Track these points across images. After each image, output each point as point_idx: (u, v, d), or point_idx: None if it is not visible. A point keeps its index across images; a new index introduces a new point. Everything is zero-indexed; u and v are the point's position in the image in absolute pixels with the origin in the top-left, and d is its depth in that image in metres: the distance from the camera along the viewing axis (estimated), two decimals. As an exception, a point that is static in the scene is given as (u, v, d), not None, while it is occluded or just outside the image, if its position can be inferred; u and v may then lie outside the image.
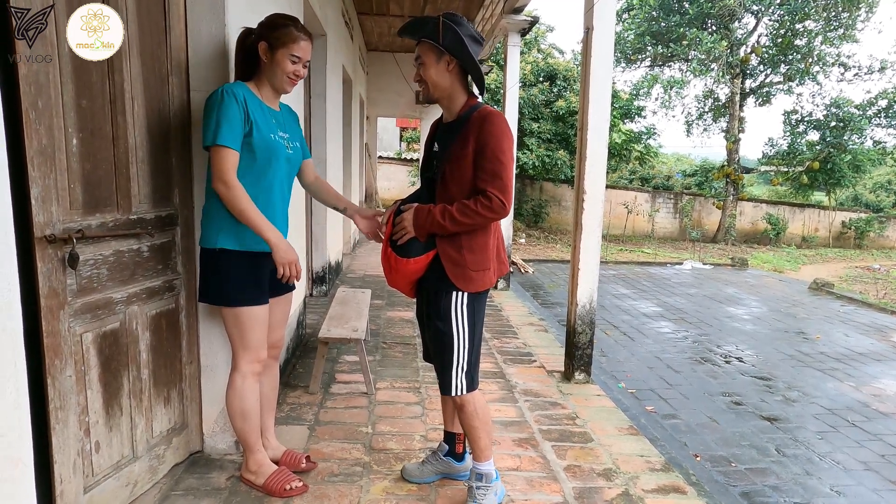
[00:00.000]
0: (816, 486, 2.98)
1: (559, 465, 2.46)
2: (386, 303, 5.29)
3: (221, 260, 1.96)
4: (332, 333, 3.17)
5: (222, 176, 1.86)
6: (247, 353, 2.05)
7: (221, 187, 1.87)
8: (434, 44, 1.87)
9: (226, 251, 1.96)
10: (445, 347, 1.97)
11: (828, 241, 17.37)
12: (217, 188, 1.88)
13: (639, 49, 18.17)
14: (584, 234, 3.38)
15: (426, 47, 1.91)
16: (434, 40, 1.87)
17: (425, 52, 1.91)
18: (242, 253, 1.98)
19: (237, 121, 1.88)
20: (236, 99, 1.89)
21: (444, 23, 1.84)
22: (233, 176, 1.88)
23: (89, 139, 1.75)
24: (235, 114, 1.87)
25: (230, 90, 1.90)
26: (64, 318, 1.69)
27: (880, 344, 5.97)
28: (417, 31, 1.92)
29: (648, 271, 10.45)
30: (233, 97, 1.88)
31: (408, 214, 1.91)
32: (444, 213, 1.86)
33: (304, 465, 2.30)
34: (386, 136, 20.64)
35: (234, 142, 1.88)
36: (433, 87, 1.94)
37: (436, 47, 1.88)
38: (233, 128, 1.87)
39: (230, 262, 1.97)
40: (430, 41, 1.88)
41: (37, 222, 1.59)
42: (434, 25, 1.86)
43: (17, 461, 1.24)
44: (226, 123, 1.85)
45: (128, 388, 1.97)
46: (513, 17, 5.71)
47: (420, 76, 1.94)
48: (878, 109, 16.53)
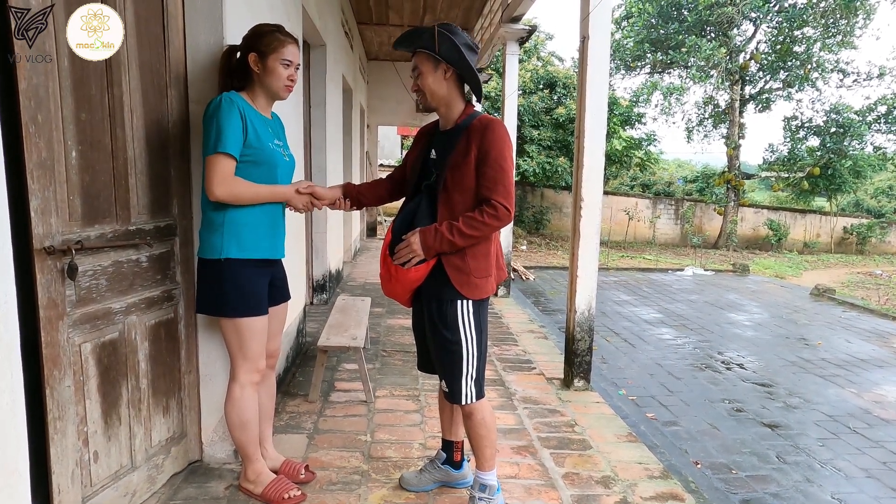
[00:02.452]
0: (817, 493, 2.97)
1: (557, 473, 2.46)
2: (386, 311, 5.29)
3: (224, 270, 1.96)
4: (332, 342, 3.18)
5: (222, 182, 1.87)
6: (246, 363, 2.05)
7: (224, 191, 1.88)
8: (430, 53, 1.89)
9: (230, 260, 1.96)
10: (455, 357, 1.96)
11: (829, 247, 17.35)
12: (219, 194, 1.88)
13: (638, 56, 18.25)
14: (582, 240, 3.39)
15: (423, 57, 1.92)
16: (430, 50, 1.88)
17: (422, 61, 1.93)
18: (245, 261, 1.98)
19: (238, 129, 1.89)
20: (235, 107, 1.90)
21: (439, 32, 1.87)
22: (232, 178, 1.90)
23: (88, 152, 1.77)
24: (237, 122, 1.89)
25: (230, 98, 1.91)
26: (63, 328, 1.70)
27: (882, 350, 5.95)
28: (413, 42, 1.94)
29: (649, 277, 10.44)
30: (233, 105, 1.90)
31: (414, 238, 1.89)
32: (451, 230, 1.86)
33: (304, 476, 2.30)
34: (387, 143, 20.73)
35: (236, 150, 1.89)
36: (431, 96, 1.95)
37: (432, 57, 1.90)
38: (235, 136, 1.88)
39: (233, 271, 1.97)
40: (426, 51, 1.90)
41: (36, 234, 1.61)
42: (430, 35, 1.88)
43: (13, 471, 1.25)
44: (228, 132, 1.86)
45: (127, 398, 1.98)
46: (511, 26, 5.75)
47: (417, 86, 1.96)
48: (878, 115, 16.59)
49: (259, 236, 2.01)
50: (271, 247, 2.08)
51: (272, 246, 2.08)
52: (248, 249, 1.98)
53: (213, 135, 1.87)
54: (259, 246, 2.01)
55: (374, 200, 2.25)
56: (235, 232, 1.95)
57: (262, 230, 2.02)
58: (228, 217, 1.94)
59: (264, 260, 2.05)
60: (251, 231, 1.98)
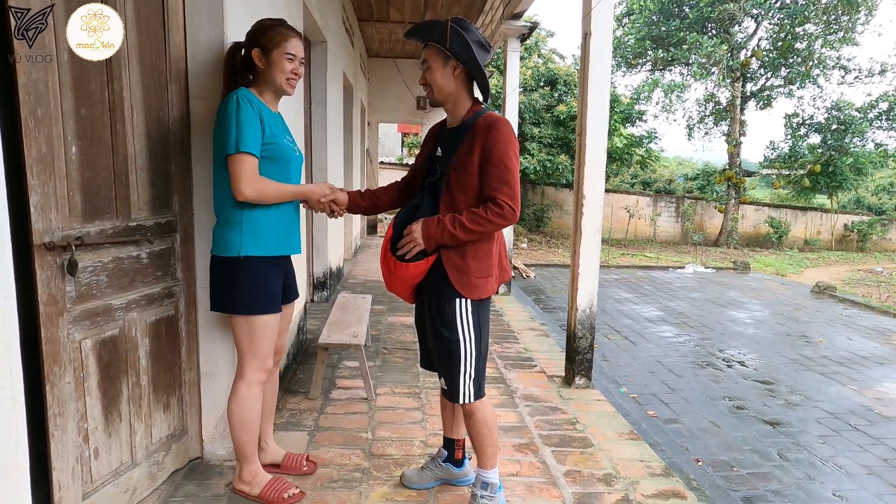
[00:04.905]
0: (819, 490, 2.96)
1: (559, 471, 2.45)
2: (387, 308, 5.29)
3: (242, 267, 1.95)
4: (333, 339, 3.17)
5: (250, 181, 1.87)
6: (255, 361, 2.04)
7: (253, 190, 1.87)
8: (441, 48, 1.88)
9: (249, 258, 1.95)
10: (453, 356, 1.96)
11: (830, 245, 17.33)
12: (247, 193, 1.87)
13: (639, 53, 18.22)
14: (584, 238, 3.39)
15: (433, 51, 1.91)
16: (441, 45, 1.87)
17: (432, 56, 1.91)
18: (262, 259, 1.97)
19: (256, 127, 1.89)
20: (251, 105, 1.90)
21: (452, 28, 1.85)
22: (258, 177, 1.90)
23: (88, 147, 1.76)
24: (255, 120, 1.89)
25: (245, 96, 1.90)
26: (63, 324, 1.70)
27: (883, 347, 5.94)
28: (425, 35, 1.93)
29: (650, 275, 10.43)
30: (248, 103, 1.89)
31: (416, 226, 1.89)
32: (454, 223, 1.85)
33: (306, 468, 2.30)
34: (388, 141, 20.70)
35: (256, 148, 1.89)
36: (438, 91, 1.95)
37: (443, 52, 1.88)
38: (254, 134, 1.88)
39: (251, 269, 1.96)
40: (437, 45, 1.89)
41: (36, 230, 1.60)
42: (442, 30, 1.86)
43: (13, 467, 1.24)
44: (248, 130, 1.86)
45: (127, 395, 1.98)
46: (512, 23, 5.73)
47: (426, 79, 1.95)
48: (879, 112, 16.55)
49: (276, 233, 2.01)
50: (288, 243, 2.08)
51: (288, 242, 2.09)
52: (266, 247, 1.98)
53: (233, 134, 1.85)
54: (276, 243, 2.01)
55: (389, 204, 2.24)
56: (254, 230, 1.95)
57: (280, 227, 2.02)
58: (247, 215, 1.94)
59: (280, 257, 2.05)
60: (269, 228, 1.98)
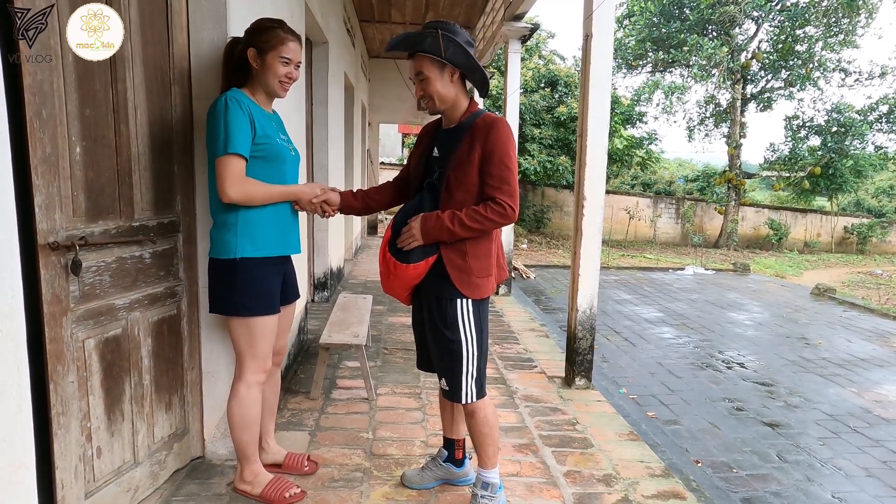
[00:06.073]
0: (818, 492, 2.97)
1: (559, 471, 2.46)
2: (387, 308, 5.30)
3: (239, 269, 1.94)
4: (334, 339, 3.18)
5: (235, 183, 1.86)
6: (254, 362, 2.04)
7: (237, 192, 1.87)
8: (435, 57, 1.86)
9: (245, 260, 1.94)
10: (454, 356, 1.96)
11: (830, 247, 17.34)
12: (232, 195, 1.86)
13: (640, 55, 18.23)
14: (584, 239, 3.40)
15: (427, 62, 1.88)
16: (436, 54, 1.85)
17: (427, 66, 1.88)
18: (260, 260, 1.97)
19: (246, 128, 1.88)
20: (240, 106, 1.88)
21: (443, 35, 1.83)
22: (244, 178, 1.89)
23: (92, 147, 1.77)
24: (244, 121, 1.87)
25: (233, 98, 1.89)
26: (67, 324, 1.71)
27: (882, 349, 5.95)
28: (413, 46, 1.89)
29: (650, 276, 10.44)
30: (237, 104, 1.88)
31: (415, 222, 1.90)
32: (453, 219, 1.85)
33: (307, 468, 2.30)
34: (388, 141, 20.73)
35: (245, 149, 1.88)
36: (440, 101, 1.92)
37: (437, 61, 1.86)
38: (243, 135, 1.87)
39: (248, 270, 1.95)
40: (430, 55, 1.86)
41: (40, 230, 1.61)
42: (434, 39, 1.83)
43: (20, 465, 1.25)
44: (236, 131, 1.85)
45: (129, 394, 1.98)
46: (513, 25, 5.74)
47: (424, 91, 1.92)
48: (879, 115, 16.57)
49: (273, 234, 2.01)
50: (285, 243, 2.08)
51: (286, 242, 2.08)
52: (263, 248, 1.97)
53: (221, 136, 1.85)
54: (273, 243, 2.00)
55: (382, 204, 2.25)
56: (249, 231, 1.94)
57: (276, 227, 2.02)
58: (242, 216, 1.94)
59: (279, 257, 2.05)
60: (265, 229, 1.98)
